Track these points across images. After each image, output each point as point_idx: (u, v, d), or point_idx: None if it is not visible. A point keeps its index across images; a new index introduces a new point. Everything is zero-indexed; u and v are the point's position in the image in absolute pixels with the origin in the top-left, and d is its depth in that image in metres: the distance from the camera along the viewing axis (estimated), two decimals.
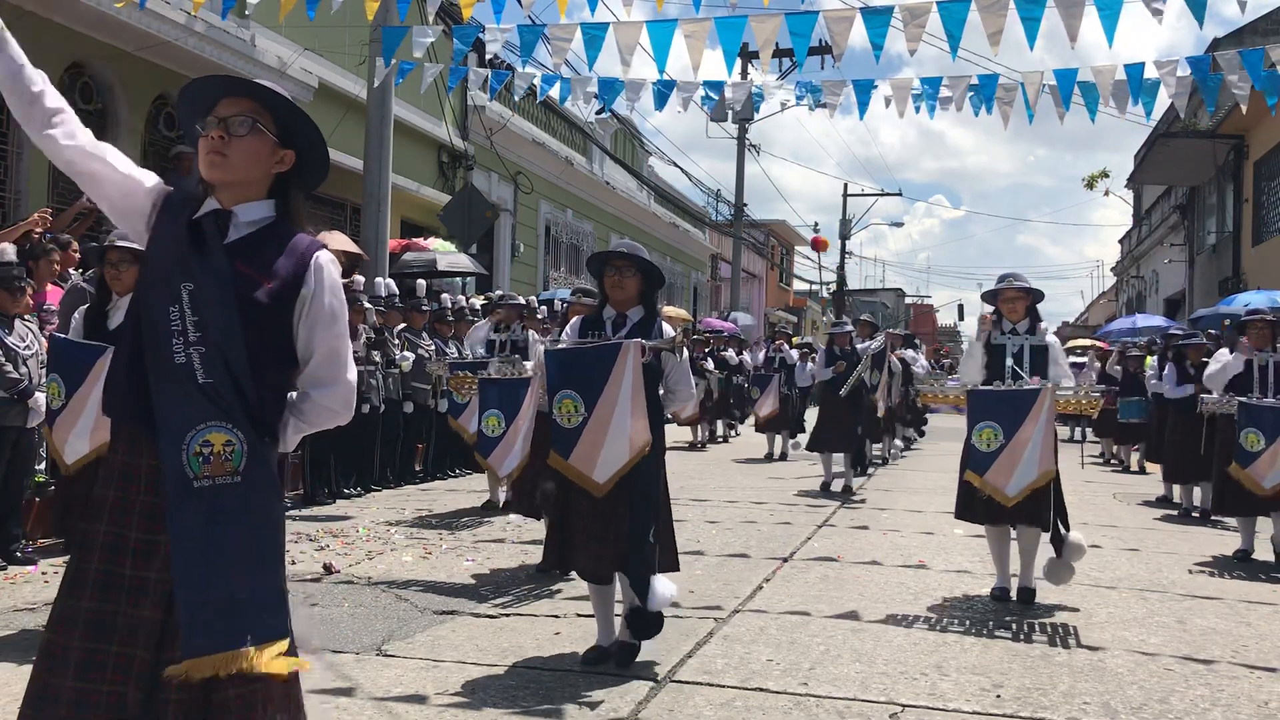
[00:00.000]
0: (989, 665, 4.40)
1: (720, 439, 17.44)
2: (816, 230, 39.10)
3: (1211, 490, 8.07)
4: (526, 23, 7.90)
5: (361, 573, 5.99)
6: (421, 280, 12.13)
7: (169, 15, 9.72)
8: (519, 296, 9.11)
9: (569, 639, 4.64)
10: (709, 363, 16.19)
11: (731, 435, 17.94)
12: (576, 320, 4.64)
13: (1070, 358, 14.36)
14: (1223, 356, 7.32)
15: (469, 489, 9.82)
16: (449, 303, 11.46)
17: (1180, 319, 20.47)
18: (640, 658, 4.26)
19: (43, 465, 6.52)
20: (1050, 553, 5.63)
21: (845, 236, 40.29)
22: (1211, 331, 11.82)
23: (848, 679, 4.13)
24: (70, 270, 7.31)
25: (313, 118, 2.44)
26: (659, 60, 6.27)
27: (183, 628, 2.12)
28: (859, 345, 10.75)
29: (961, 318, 53.09)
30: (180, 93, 2.41)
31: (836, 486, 10.46)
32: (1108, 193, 29.95)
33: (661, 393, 4.45)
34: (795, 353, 14.53)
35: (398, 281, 11.80)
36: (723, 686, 4.00)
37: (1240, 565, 7.02)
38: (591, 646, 4.34)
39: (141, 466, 2.24)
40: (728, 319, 23.70)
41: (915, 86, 6.60)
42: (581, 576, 4.43)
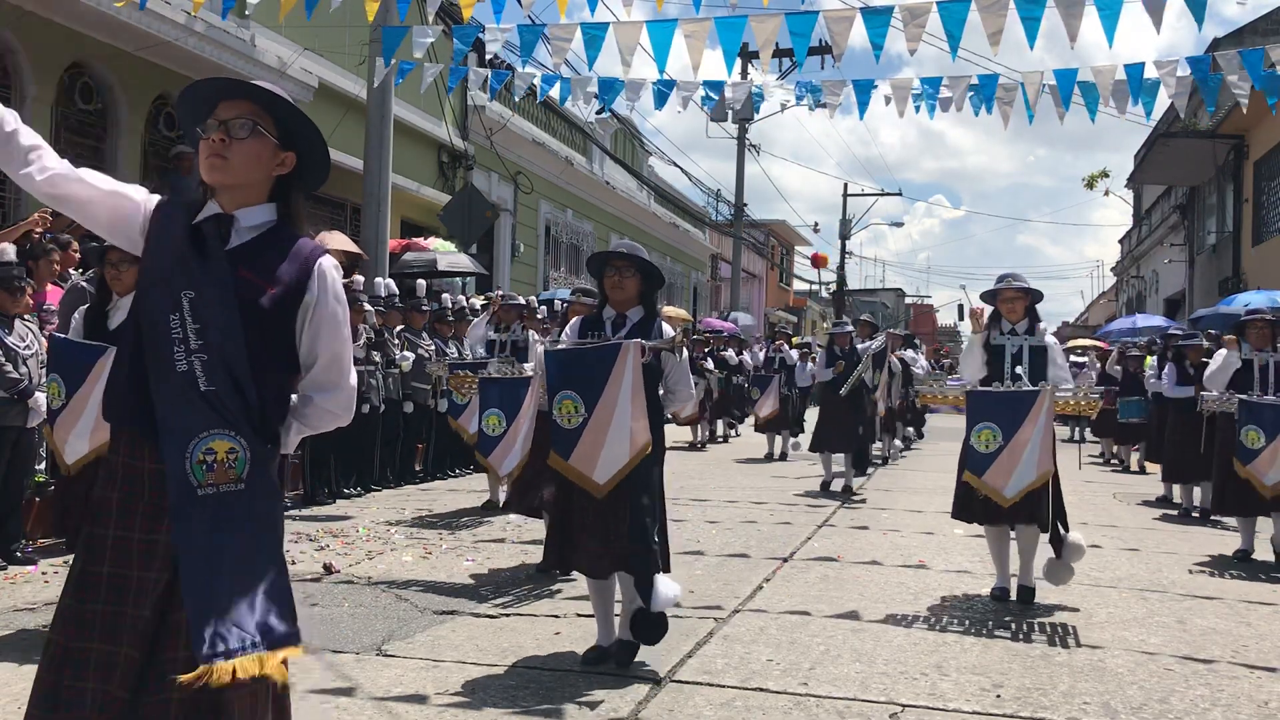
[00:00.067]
0: (989, 665, 4.40)
1: (720, 439, 17.44)
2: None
3: (1211, 490, 8.08)
4: (526, 23, 7.90)
5: (361, 573, 5.99)
6: (421, 280, 12.14)
7: (169, 15, 9.73)
8: (519, 296, 9.12)
9: (569, 639, 4.64)
10: (709, 362, 16.20)
11: (731, 435, 17.94)
12: (576, 320, 4.64)
13: (1070, 357, 14.46)
14: (1222, 356, 7.33)
15: (469, 489, 9.82)
16: (449, 303, 11.46)
17: (1180, 319, 20.47)
18: (640, 658, 4.27)
19: (43, 465, 6.52)
20: (1050, 553, 5.64)
21: (845, 236, 40.31)
22: (1212, 331, 11.81)
23: (848, 679, 4.13)
24: (70, 270, 7.32)
25: (313, 118, 2.44)
26: (659, 60, 6.28)
27: (195, 635, 2.11)
28: (859, 345, 10.76)
29: (961, 317, 52.99)
30: (180, 95, 2.42)
31: (836, 486, 10.47)
32: (1108, 193, 29.97)
33: (661, 393, 4.45)
34: (795, 353, 14.54)
35: (398, 281, 11.81)
36: (723, 686, 4.00)
37: (1240, 565, 7.02)
38: (591, 646, 4.34)
39: (144, 468, 2.24)
40: (728, 319, 23.71)
41: (915, 86, 6.60)
42: (581, 572, 4.44)
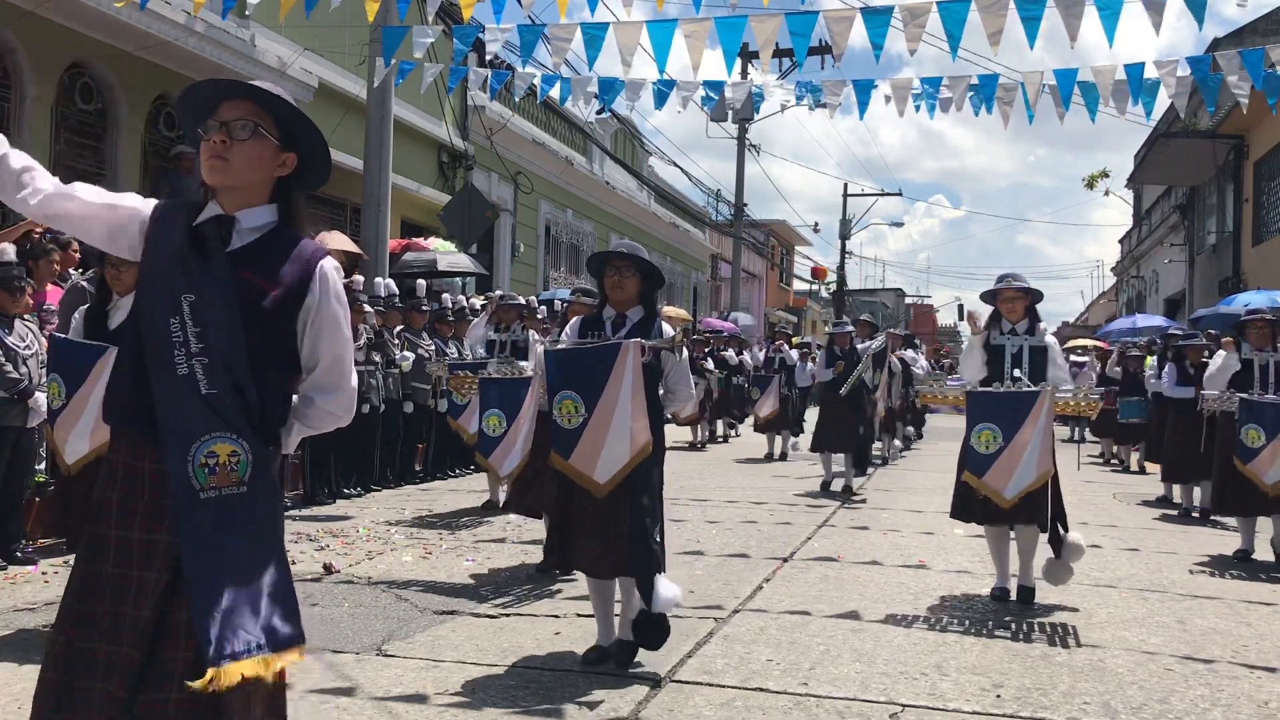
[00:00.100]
0: (989, 665, 4.40)
1: (720, 439, 17.44)
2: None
3: (1211, 489, 8.07)
4: (526, 23, 7.90)
5: (361, 573, 5.99)
6: (421, 280, 12.13)
7: (169, 15, 9.73)
8: (519, 296, 9.12)
9: (569, 639, 4.64)
10: (709, 363, 16.20)
11: (731, 435, 17.95)
12: (576, 320, 4.63)
13: (1070, 358, 14.46)
14: (1221, 358, 7.32)
15: (469, 489, 9.82)
16: (449, 303, 11.46)
17: (1180, 319, 20.47)
18: (639, 658, 4.26)
19: (43, 465, 6.52)
20: (1049, 553, 5.64)
21: (845, 236, 40.32)
22: (1212, 331, 11.81)
23: (848, 679, 4.13)
24: (70, 270, 7.32)
25: (313, 118, 2.44)
26: (659, 60, 6.28)
27: (202, 638, 2.11)
28: (859, 345, 10.76)
29: (961, 317, 53.07)
30: (180, 95, 2.41)
31: (836, 486, 10.47)
32: (1108, 193, 29.98)
33: (661, 393, 4.45)
34: (795, 353, 14.54)
35: (398, 281, 11.81)
36: (723, 686, 4.00)
37: (1240, 565, 7.02)
38: (591, 646, 4.34)
39: (144, 468, 2.24)
40: (728, 319, 23.70)
41: (915, 86, 6.60)
42: (581, 571, 4.44)
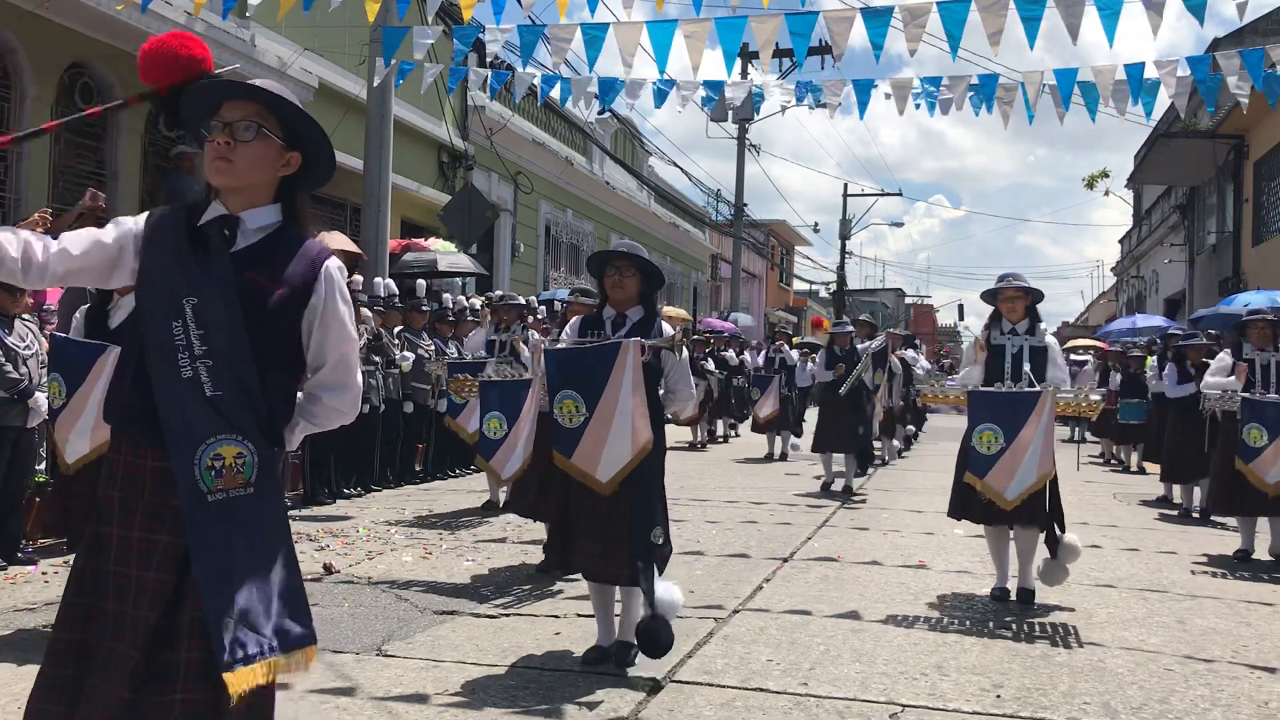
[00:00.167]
0: (989, 665, 4.40)
1: (720, 439, 17.44)
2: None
3: (1209, 489, 8.05)
4: (526, 23, 7.90)
5: (361, 573, 5.99)
6: (421, 280, 12.13)
7: (169, 15, 9.72)
8: (519, 297, 9.12)
9: (569, 639, 4.64)
10: (709, 363, 16.19)
11: (731, 435, 17.94)
12: (576, 320, 4.63)
13: (1070, 358, 14.45)
14: (1224, 360, 7.29)
15: (469, 489, 9.82)
16: (449, 303, 11.46)
17: (1180, 319, 20.47)
18: (639, 658, 4.26)
19: (43, 465, 6.52)
20: (1046, 554, 5.64)
21: (845, 236, 40.32)
22: (1212, 331, 11.81)
23: (848, 679, 4.13)
24: None
25: (313, 118, 2.44)
26: (659, 61, 6.28)
27: (217, 642, 2.12)
28: (859, 345, 10.76)
29: (961, 317, 53.02)
30: (183, 96, 2.41)
31: (837, 487, 10.47)
32: (1108, 193, 29.98)
33: (662, 393, 4.45)
34: (795, 353, 14.54)
35: (398, 281, 11.80)
36: (723, 686, 4.00)
37: (1240, 565, 7.02)
38: (591, 646, 4.34)
39: (145, 466, 2.24)
40: (728, 319, 23.70)
41: (915, 86, 6.60)
42: (581, 575, 4.43)
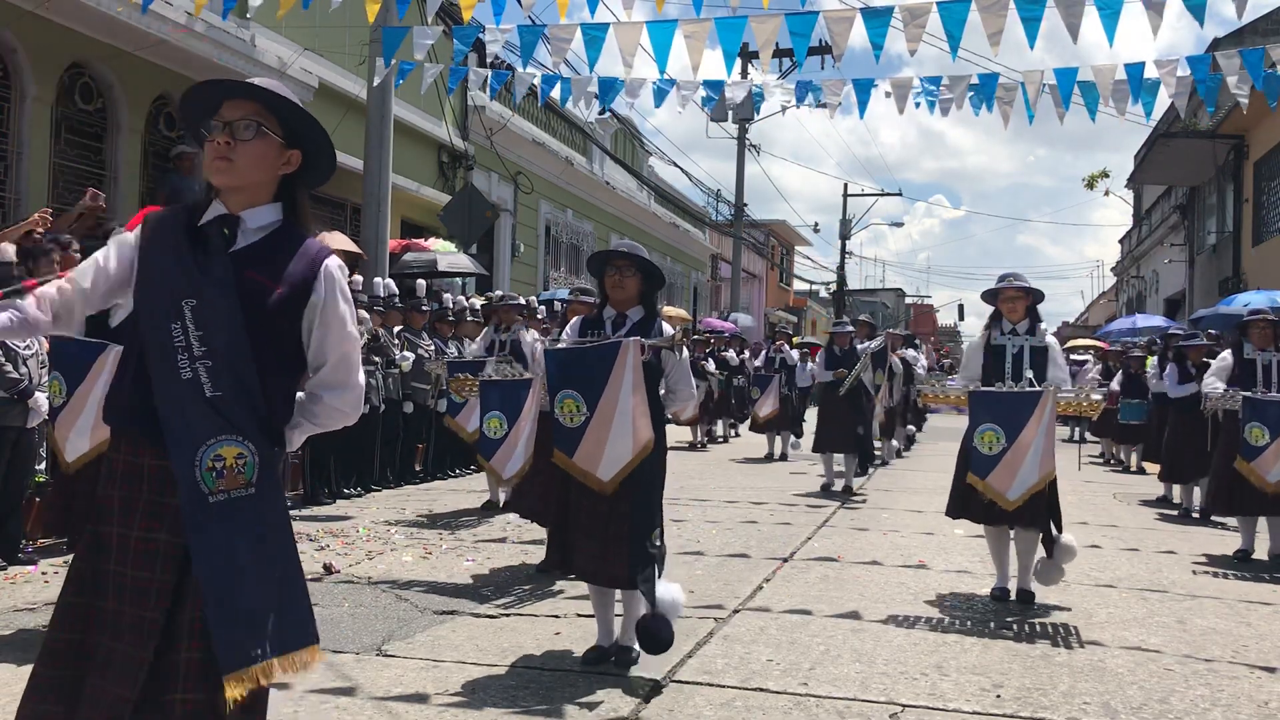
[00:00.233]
0: (989, 665, 4.40)
1: (720, 439, 17.44)
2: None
3: (1209, 488, 8.03)
4: (527, 23, 7.90)
5: (361, 573, 5.99)
6: (421, 280, 12.13)
7: (169, 15, 9.72)
8: (519, 297, 9.12)
9: (569, 639, 4.64)
10: (710, 364, 16.18)
11: (732, 435, 17.95)
12: (576, 320, 4.63)
13: (1070, 358, 14.44)
14: (1226, 360, 7.28)
15: (469, 489, 9.82)
16: (449, 303, 11.45)
17: (1180, 319, 20.47)
18: (639, 658, 4.25)
19: (43, 465, 6.52)
20: (1042, 553, 5.63)
21: (845, 236, 40.33)
22: (1212, 331, 11.81)
23: (848, 679, 4.13)
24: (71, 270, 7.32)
25: (317, 120, 2.44)
26: (659, 61, 6.29)
27: (220, 644, 2.12)
28: (859, 346, 10.77)
29: (961, 317, 53.12)
30: (183, 95, 2.41)
31: (837, 487, 10.46)
32: (1108, 193, 30.00)
33: (663, 392, 4.45)
34: (795, 353, 14.54)
35: (398, 281, 11.80)
36: (723, 686, 4.00)
37: (1240, 565, 7.02)
38: (591, 646, 4.34)
39: (144, 465, 2.24)
40: (728, 319, 23.70)
41: (915, 85, 6.61)
42: (580, 577, 4.43)
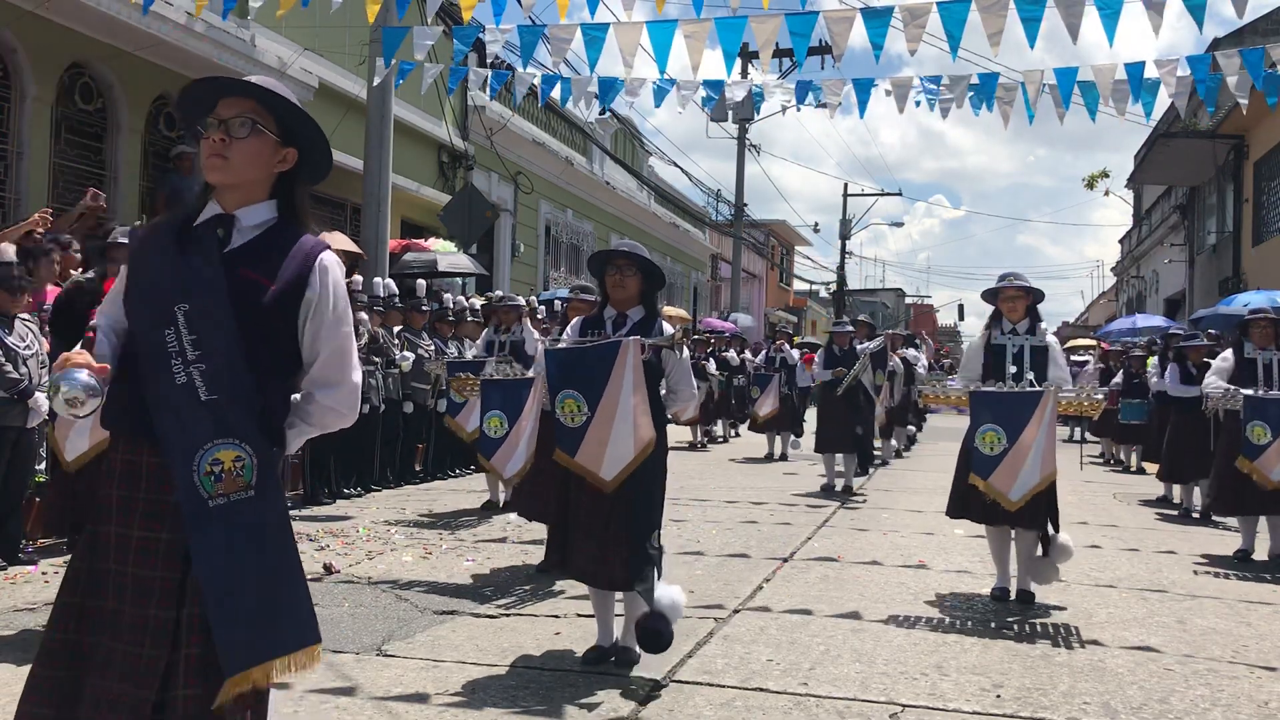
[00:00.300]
0: (989, 665, 4.40)
1: (720, 439, 17.44)
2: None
3: (1209, 488, 8.03)
4: (527, 23, 7.90)
5: (361, 573, 5.99)
6: (421, 280, 12.12)
7: (169, 15, 9.72)
8: (519, 297, 9.12)
9: (569, 639, 4.64)
10: (710, 364, 16.17)
11: (732, 435, 17.95)
12: (577, 320, 4.64)
13: (1071, 358, 14.45)
14: (1227, 360, 7.27)
15: (469, 489, 9.82)
16: (449, 303, 11.45)
17: (1180, 319, 20.47)
18: (639, 658, 4.25)
19: (43, 465, 6.52)
20: (1038, 550, 5.63)
21: (845, 236, 40.33)
22: (1212, 331, 11.81)
23: (848, 679, 4.13)
24: (70, 270, 7.32)
25: (313, 118, 2.43)
26: (659, 61, 6.29)
27: (222, 645, 2.12)
28: (858, 346, 10.77)
29: (961, 318, 53.14)
30: (179, 94, 2.41)
31: (837, 487, 10.46)
32: (1108, 193, 30.01)
33: (663, 392, 4.45)
34: (796, 353, 14.53)
35: (398, 281, 11.79)
36: (723, 686, 4.00)
37: (1240, 565, 7.02)
38: (591, 646, 4.34)
39: (142, 463, 2.24)
40: (728, 319, 23.69)
41: (915, 85, 6.61)
42: (579, 579, 4.43)
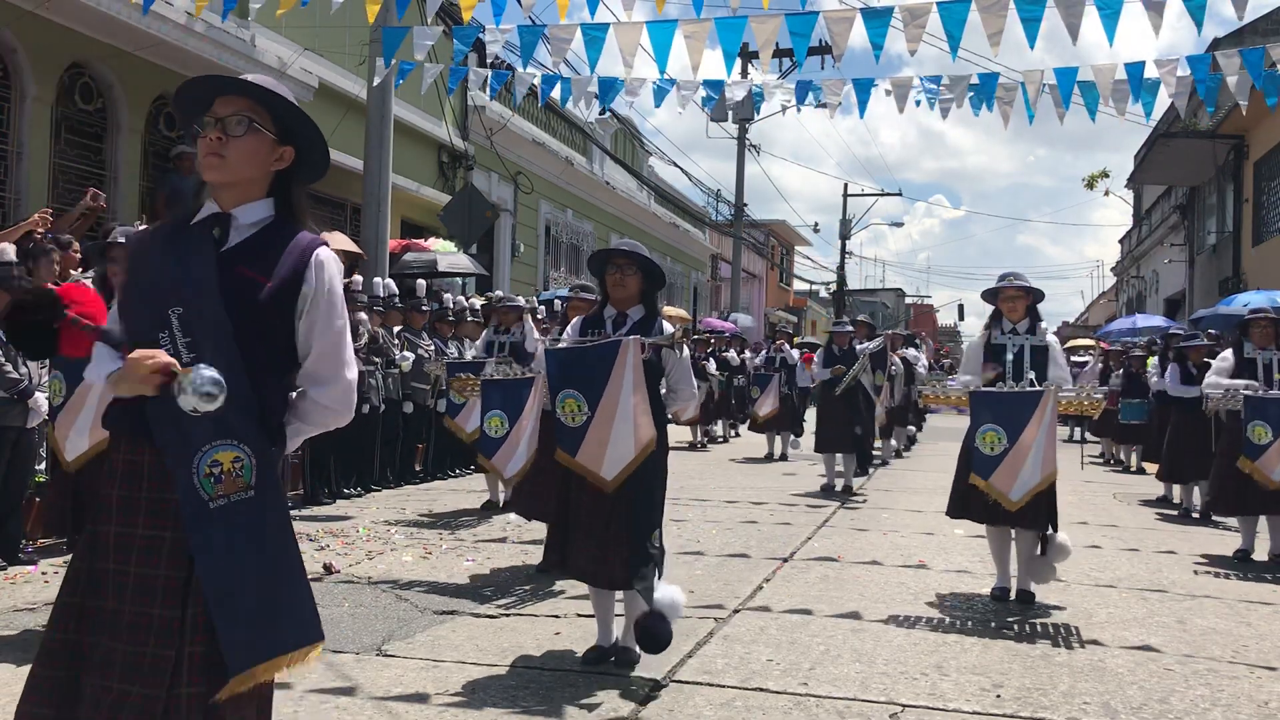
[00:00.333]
0: (989, 665, 4.40)
1: (720, 439, 17.44)
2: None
3: (1209, 488, 8.02)
4: (526, 23, 7.90)
5: (361, 573, 5.99)
6: (421, 280, 12.13)
7: (169, 15, 9.72)
8: (518, 297, 9.12)
9: (569, 639, 4.64)
10: (710, 364, 16.17)
11: (732, 435, 17.95)
12: (577, 320, 4.64)
13: (1072, 358, 14.43)
14: (1227, 359, 7.27)
15: (469, 489, 9.82)
16: (449, 303, 11.45)
17: (1180, 319, 20.47)
18: (639, 658, 4.25)
19: (43, 465, 6.52)
20: (1036, 549, 5.63)
21: (845, 236, 40.34)
22: (1212, 331, 11.81)
23: (848, 679, 4.13)
24: (71, 270, 7.31)
25: (313, 118, 2.43)
26: (659, 61, 6.29)
27: (226, 646, 2.12)
28: (858, 346, 10.77)
29: (961, 318, 53.13)
30: (176, 93, 2.41)
31: (837, 487, 10.46)
32: (1108, 193, 30.02)
33: (664, 392, 4.45)
34: (796, 352, 14.53)
35: (398, 281, 11.79)
36: (723, 686, 4.00)
37: (1240, 565, 7.02)
38: (591, 646, 4.34)
39: (143, 462, 2.23)
40: (728, 319, 23.70)
41: (915, 85, 6.61)
42: (579, 579, 4.43)
